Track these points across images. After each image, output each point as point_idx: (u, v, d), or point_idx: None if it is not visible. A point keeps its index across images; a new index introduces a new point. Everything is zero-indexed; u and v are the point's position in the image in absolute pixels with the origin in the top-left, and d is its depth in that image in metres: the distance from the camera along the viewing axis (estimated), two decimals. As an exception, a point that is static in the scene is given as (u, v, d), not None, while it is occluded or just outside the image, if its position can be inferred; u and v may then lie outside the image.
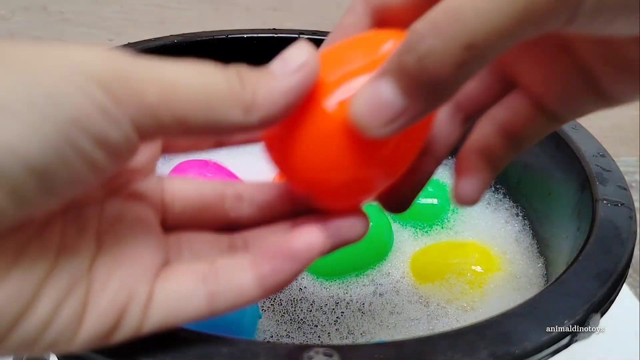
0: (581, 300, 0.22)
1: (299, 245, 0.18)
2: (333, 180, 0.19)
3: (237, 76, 0.17)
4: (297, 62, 0.17)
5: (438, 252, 0.37)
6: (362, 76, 0.18)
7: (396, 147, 0.19)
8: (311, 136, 0.18)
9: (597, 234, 0.27)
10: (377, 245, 0.36)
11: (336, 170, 0.18)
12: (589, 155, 0.33)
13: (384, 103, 0.16)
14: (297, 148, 0.18)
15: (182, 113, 0.15)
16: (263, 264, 0.18)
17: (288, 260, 0.18)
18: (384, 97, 0.16)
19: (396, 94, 0.16)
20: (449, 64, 0.15)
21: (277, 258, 0.18)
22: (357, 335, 0.31)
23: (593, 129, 0.36)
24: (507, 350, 0.20)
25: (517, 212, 0.41)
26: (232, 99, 0.16)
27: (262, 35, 0.46)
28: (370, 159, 0.18)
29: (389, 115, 0.16)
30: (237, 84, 0.16)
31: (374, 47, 0.19)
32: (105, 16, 0.64)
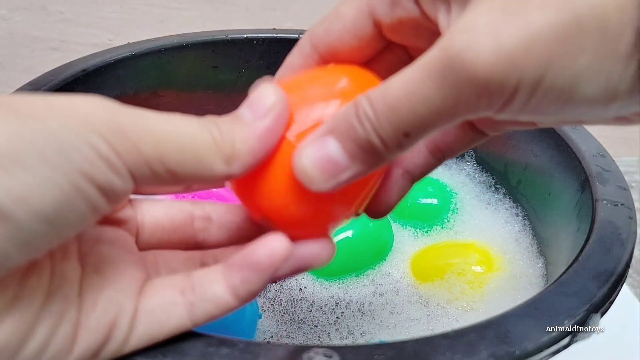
0: (581, 300, 0.22)
1: (261, 256, 0.18)
2: (292, 212, 0.19)
3: (215, 127, 0.18)
4: (265, 105, 0.18)
5: (438, 252, 0.37)
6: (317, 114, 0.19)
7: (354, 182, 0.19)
8: (269, 171, 0.19)
9: (597, 234, 0.27)
10: (377, 245, 0.36)
11: (295, 204, 0.19)
12: (589, 155, 0.33)
13: (330, 161, 0.17)
14: (258, 182, 0.19)
15: (173, 165, 0.17)
16: (233, 274, 0.19)
17: (254, 271, 0.18)
18: (331, 156, 0.17)
19: (342, 154, 0.17)
20: (390, 144, 0.17)
21: (244, 268, 0.19)
22: (357, 335, 0.31)
23: (593, 129, 0.36)
24: (507, 351, 0.20)
25: (517, 212, 0.41)
26: (215, 151, 0.17)
27: (262, 35, 0.46)
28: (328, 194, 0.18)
29: (333, 171, 0.17)
30: (218, 136, 0.17)
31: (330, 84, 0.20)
32: (105, 16, 0.64)
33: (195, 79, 0.45)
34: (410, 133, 0.16)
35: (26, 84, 0.36)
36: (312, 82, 0.20)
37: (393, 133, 0.16)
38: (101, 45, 0.66)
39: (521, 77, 0.14)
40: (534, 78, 0.14)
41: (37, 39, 0.64)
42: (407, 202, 0.41)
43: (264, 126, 0.18)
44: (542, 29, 0.14)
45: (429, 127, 0.16)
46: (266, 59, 0.47)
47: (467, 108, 0.15)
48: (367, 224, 0.36)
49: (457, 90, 0.15)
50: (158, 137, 0.16)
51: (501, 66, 0.14)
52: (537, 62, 0.14)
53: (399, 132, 0.16)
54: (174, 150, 0.17)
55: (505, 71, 0.14)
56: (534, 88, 0.15)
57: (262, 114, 0.18)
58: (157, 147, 0.16)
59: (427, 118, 0.16)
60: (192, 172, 0.17)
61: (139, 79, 0.43)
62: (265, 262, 0.18)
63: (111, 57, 0.40)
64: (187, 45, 0.44)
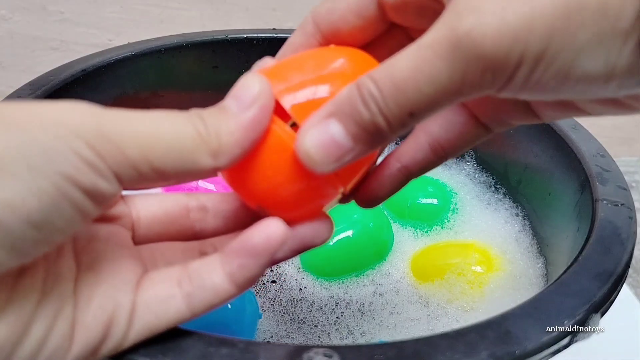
0: (581, 300, 0.22)
1: (258, 240, 0.19)
2: (284, 195, 0.19)
3: (201, 122, 0.18)
4: (250, 96, 0.18)
5: (438, 252, 0.37)
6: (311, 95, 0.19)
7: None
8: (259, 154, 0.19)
9: (597, 234, 0.27)
10: (377, 245, 0.36)
11: (286, 188, 0.19)
12: (589, 155, 0.33)
13: (333, 143, 0.18)
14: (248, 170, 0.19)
15: (159, 164, 0.17)
16: (230, 261, 0.19)
17: (251, 256, 0.19)
18: (334, 138, 0.17)
19: (345, 136, 0.17)
20: (395, 124, 0.17)
21: (241, 254, 0.19)
22: (357, 335, 0.31)
23: (593, 129, 0.36)
24: (507, 350, 0.20)
25: (517, 212, 0.41)
26: (202, 146, 0.17)
27: (262, 35, 0.46)
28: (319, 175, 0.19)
29: (337, 153, 0.18)
30: (204, 130, 0.17)
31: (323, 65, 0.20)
32: (105, 16, 0.64)
33: (195, 79, 0.45)
34: (415, 112, 0.16)
35: (26, 84, 0.36)
36: (311, 60, 0.20)
37: (399, 113, 0.16)
38: (101, 45, 0.66)
39: (524, 51, 0.15)
40: (536, 52, 0.15)
41: (37, 39, 0.64)
42: (407, 202, 0.41)
43: (249, 117, 0.18)
44: (544, 5, 0.15)
45: (434, 106, 0.16)
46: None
47: (473, 85, 0.16)
48: (367, 224, 0.36)
49: (464, 67, 0.15)
50: (142, 139, 0.17)
51: (506, 41, 0.15)
52: (539, 37, 0.15)
53: (405, 112, 0.16)
54: (160, 150, 0.17)
55: (509, 46, 0.15)
56: (536, 62, 0.15)
57: (247, 105, 0.18)
58: (142, 148, 0.16)
59: (433, 96, 0.16)
60: (179, 168, 0.17)
61: (139, 79, 0.43)
62: (262, 247, 0.18)
63: (111, 57, 0.40)
64: (187, 45, 0.44)
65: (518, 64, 0.15)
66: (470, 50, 0.15)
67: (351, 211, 0.37)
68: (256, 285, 0.34)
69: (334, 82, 0.19)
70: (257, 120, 0.18)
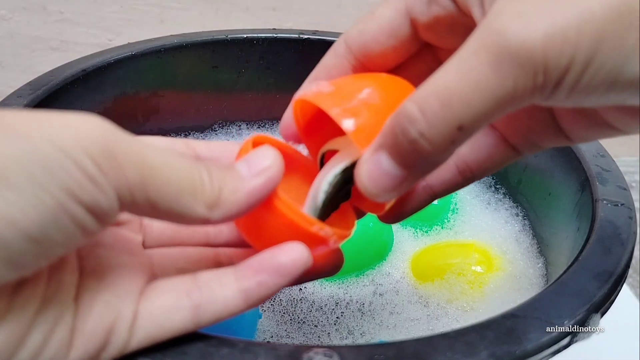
0: (581, 300, 0.22)
1: (286, 259, 0.19)
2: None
3: (207, 172, 0.18)
4: (261, 165, 0.18)
5: (438, 252, 0.37)
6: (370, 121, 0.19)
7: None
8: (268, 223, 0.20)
9: (597, 234, 0.27)
10: (377, 245, 0.36)
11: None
12: (589, 155, 0.33)
13: (385, 175, 0.18)
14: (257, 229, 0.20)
15: (153, 197, 0.17)
16: (248, 277, 0.19)
17: (274, 275, 0.19)
18: (384, 170, 0.18)
19: (394, 166, 0.18)
20: (441, 144, 0.16)
21: (262, 272, 0.19)
22: (357, 335, 0.31)
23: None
24: (507, 350, 0.20)
25: (517, 212, 0.41)
26: (200, 194, 0.17)
27: (262, 35, 0.46)
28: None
29: (391, 184, 0.18)
30: (207, 180, 0.18)
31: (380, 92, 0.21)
32: (105, 16, 0.64)
33: (195, 79, 0.45)
34: (465, 125, 0.16)
35: (26, 84, 0.36)
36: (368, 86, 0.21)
37: (446, 129, 0.16)
38: (101, 45, 0.66)
39: (574, 53, 0.15)
40: (586, 55, 0.15)
41: (37, 39, 0.64)
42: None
43: (255, 184, 0.18)
44: (594, 8, 0.15)
45: (483, 117, 0.16)
46: (266, 59, 0.47)
47: (524, 90, 0.16)
48: (367, 224, 0.36)
49: (515, 71, 0.15)
50: (146, 166, 0.16)
51: (556, 44, 0.15)
52: (589, 40, 0.15)
53: (452, 127, 0.16)
54: (159, 183, 0.17)
55: (559, 48, 0.15)
56: (586, 65, 0.15)
57: (256, 172, 0.18)
58: (143, 175, 0.16)
59: (482, 106, 0.16)
60: (172, 208, 0.17)
61: (139, 79, 0.43)
62: (289, 267, 0.19)
63: (111, 57, 0.40)
64: (187, 45, 0.44)
65: (568, 67, 0.15)
66: (521, 54, 0.15)
67: (351, 211, 0.37)
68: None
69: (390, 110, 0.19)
70: (261, 189, 0.18)
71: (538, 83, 0.15)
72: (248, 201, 0.18)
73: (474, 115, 0.16)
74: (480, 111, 0.16)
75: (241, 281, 0.19)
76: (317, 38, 0.46)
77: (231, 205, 0.18)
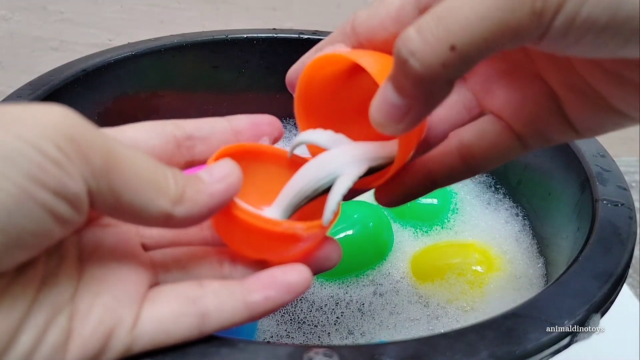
0: (581, 300, 0.22)
1: (295, 279, 0.20)
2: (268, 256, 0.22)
3: (172, 173, 0.18)
4: (222, 173, 0.19)
5: (438, 252, 0.37)
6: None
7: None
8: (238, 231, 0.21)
9: (597, 234, 0.27)
10: (377, 245, 0.36)
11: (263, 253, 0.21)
12: (589, 155, 0.33)
13: (388, 104, 0.18)
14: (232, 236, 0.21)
15: (117, 187, 0.17)
16: (256, 291, 0.19)
17: (282, 291, 0.19)
18: (388, 99, 0.18)
19: (394, 94, 0.17)
20: (434, 63, 0.16)
21: (271, 288, 0.20)
22: (357, 335, 0.31)
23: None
24: (507, 350, 0.20)
25: (517, 212, 0.41)
26: (164, 189, 0.18)
27: (262, 35, 0.46)
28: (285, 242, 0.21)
29: (394, 114, 0.18)
30: (172, 178, 0.18)
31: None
32: (105, 16, 0.64)
33: (195, 79, 0.45)
34: (457, 46, 0.15)
35: (26, 84, 0.36)
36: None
37: (438, 47, 0.16)
38: (101, 45, 0.66)
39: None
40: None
41: (37, 39, 0.64)
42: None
43: (217, 187, 0.19)
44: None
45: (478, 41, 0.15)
46: (266, 59, 0.47)
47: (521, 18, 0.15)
48: (367, 224, 0.36)
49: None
50: (110, 154, 0.16)
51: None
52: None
53: (445, 46, 0.15)
54: (123, 171, 0.17)
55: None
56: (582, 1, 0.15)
57: (218, 179, 0.19)
58: (107, 162, 0.16)
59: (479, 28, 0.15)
60: (134, 200, 0.17)
61: (139, 79, 0.43)
62: (297, 285, 0.20)
63: (111, 57, 0.40)
64: (187, 45, 0.44)
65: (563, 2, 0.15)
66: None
67: (351, 211, 0.37)
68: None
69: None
70: (222, 193, 0.19)
71: (537, 9, 0.15)
72: (210, 203, 0.19)
73: (468, 36, 0.15)
74: (476, 33, 0.15)
75: (248, 295, 0.19)
76: (317, 38, 0.46)
77: (194, 204, 0.18)
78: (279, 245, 0.21)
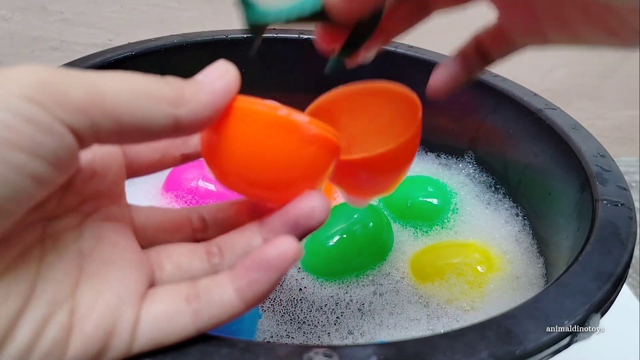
0: (581, 300, 0.22)
1: (272, 254, 0.19)
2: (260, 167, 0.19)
3: (163, 79, 0.18)
4: (219, 71, 0.19)
5: (438, 252, 0.37)
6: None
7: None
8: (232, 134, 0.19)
9: (597, 234, 0.27)
10: (377, 246, 0.36)
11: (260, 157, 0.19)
12: (589, 155, 0.33)
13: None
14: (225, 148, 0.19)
15: (112, 111, 0.16)
16: (241, 277, 0.19)
17: (263, 271, 0.19)
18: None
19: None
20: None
21: (253, 270, 0.19)
22: (357, 335, 0.31)
23: (593, 129, 0.36)
24: (507, 351, 0.20)
25: (517, 212, 0.41)
26: (160, 95, 0.17)
27: (262, 35, 0.46)
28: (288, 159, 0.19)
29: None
30: (164, 84, 0.17)
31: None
32: (105, 16, 0.64)
33: (195, 79, 0.45)
34: None
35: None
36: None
37: None
38: (101, 45, 0.66)
39: None
40: None
41: (37, 39, 0.64)
42: (407, 202, 0.41)
43: (216, 84, 0.18)
44: None
45: None
46: (266, 59, 0.47)
47: None
48: (367, 224, 0.36)
49: None
50: (91, 84, 0.16)
51: None
52: None
53: None
54: (110, 94, 0.16)
55: None
56: None
57: (214, 78, 0.19)
58: (90, 93, 0.16)
59: None
60: (135, 116, 0.16)
61: (139, 79, 0.43)
62: (276, 261, 0.19)
63: (111, 57, 0.40)
64: (187, 45, 0.44)
65: None
66: None
67: (351, 211, 0.37)
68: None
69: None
70: (222, 89, 0.18)
71: None
72: (213, 100, 0.18)
73: None
74: None
75: (235, 282, 0.19)
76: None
77: (197, 103, 0.18)
78: (280, 147, 0.19)
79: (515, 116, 0.41)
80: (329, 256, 0.35)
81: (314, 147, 0.20)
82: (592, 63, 0.78)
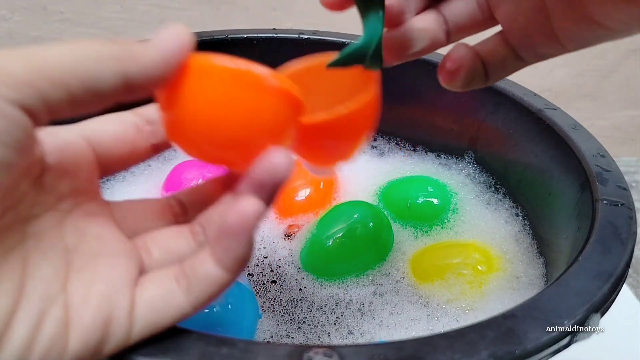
0: (581, 300, 0.22)
1: (232, 219, 0.18)
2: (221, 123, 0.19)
3: (108, 40, 0.17)
4: (169, 30, 0.18)
5: (438, 252, 0.37)
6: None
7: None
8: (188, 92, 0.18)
9: (597, 234, 0.27)
10: (377, 246, 0.36)
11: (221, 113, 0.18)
12: (589, 155, 0.33)
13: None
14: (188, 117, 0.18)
15: (57, 75, 0.16)
16: (215, 247, 0.19)
17: (231, 236, 0.18)
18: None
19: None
20: None
21: (222, 238, 0.19)
22: (357, 335, 0.31)
23: (593, 129, 0.36)
24: (507, 350, 0.20)
25: (517, 212, 0.41)
26: (105, 53, 0.16)
27: (262, 35, 0.46)
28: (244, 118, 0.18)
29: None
30: (110, 43, 0.17)
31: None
32: (105, 16, 0.64)
33: (195, 79, 0.45)
34: None
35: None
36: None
37: None
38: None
39: None
40: None
41: (37, 39, 0.64)
42: (407, 202, 0.41)
43: (165, 41, 0.18)
44: None
45: None
46: (266, 59, 0.47)
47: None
48: (367, 224, 0.36)
49: None
50: (28, 55, 0.15)
51: None
52: None
53: None
54: (52, 60, 0.16)
55: None
56: None
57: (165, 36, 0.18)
58: (29, 63, 0.15)
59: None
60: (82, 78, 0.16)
61: (139, 79, 0.43)
62: (238, 226, 0.18)
63: (111, 57, 0.40)
64: (187, 45, 0.44)
65: None
66: None
67: (351, 211, 0.37)
68: (256, 286, 0.34)
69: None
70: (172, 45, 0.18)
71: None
72: (163, 55, 0.17)
73: None
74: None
75: (213, 253, 0.19)
76: (317, 38, 0.46)
77: (146, 57, 0.17)
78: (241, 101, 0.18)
79: (515, 116, 0.41)
80: (329, 256, 0.35)
81: (276, 100, 0.19)
82: (592, 63, 0.78)
